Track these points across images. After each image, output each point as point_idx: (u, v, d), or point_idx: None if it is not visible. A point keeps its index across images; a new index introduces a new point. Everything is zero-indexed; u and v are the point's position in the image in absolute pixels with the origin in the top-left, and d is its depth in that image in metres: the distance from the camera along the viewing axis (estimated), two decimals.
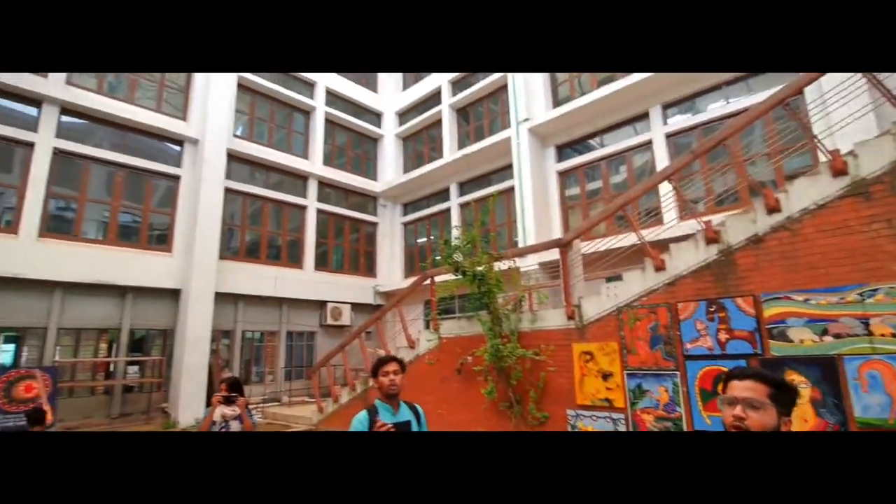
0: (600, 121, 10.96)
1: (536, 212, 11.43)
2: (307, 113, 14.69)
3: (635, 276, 5.48)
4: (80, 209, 9.96)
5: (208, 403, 3.92)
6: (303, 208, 14.05)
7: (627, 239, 6.20)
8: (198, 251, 10.72)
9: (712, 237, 4.92)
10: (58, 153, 9.59)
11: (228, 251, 12.06)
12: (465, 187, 14.30)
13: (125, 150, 10.65)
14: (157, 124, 10.92)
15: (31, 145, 9.29)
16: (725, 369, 4.57)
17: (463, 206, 14.16)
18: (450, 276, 7.12)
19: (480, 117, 14.32)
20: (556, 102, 11.88)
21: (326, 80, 15.03)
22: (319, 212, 14.40)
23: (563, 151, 12.09)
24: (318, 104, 14.72)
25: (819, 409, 4.13)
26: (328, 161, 14.87)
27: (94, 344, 9.87)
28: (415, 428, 2.63)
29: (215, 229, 11.13)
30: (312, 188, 14.29)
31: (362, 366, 9.43)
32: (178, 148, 11.53)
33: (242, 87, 12.82)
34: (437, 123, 15.07)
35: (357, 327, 12.02)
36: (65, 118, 9.84)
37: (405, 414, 2.62)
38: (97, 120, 10.30)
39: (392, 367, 2.60)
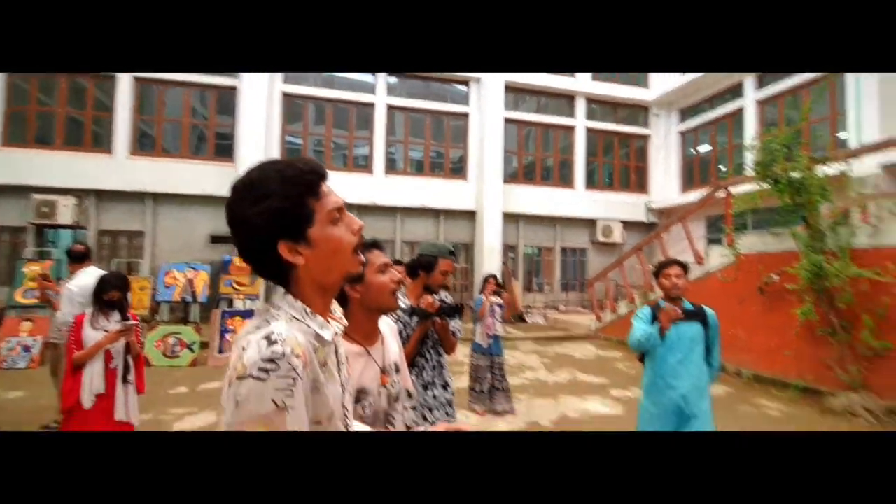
0: None
1: (882, 94, 8.61)
2: None
3: None
4: (404, 150, 12.88)
5: (481, 292, 5.04)
6: (571, 128, 14.29)
7: None
8: (486, 177, 12.50)
9: None
10: (389, 108, 12.47)
11: (508, 175, 13.53)
12: (765, 80, 11.76)
13: (428, 97, 12.98)
14: None
15: (371, 105, 12.36)
16: None
17: (763, 102, 11.76)
18: (748, 188, 6.38)
19: None
20: None
21: None
22: (588, 130, 14.39)
23: None
24: None
25: None
26: (594, 75, 14.43)
27: None
28: (701, 331, 2.62)
29: (498, 156, 12.65)
30: (580, 106, 14.27)
31: (641, 282, 9.60)
32: (465, 88, 13.27)
33: None
34: None
35: (631, 245, 12.04)
36: (390, 79, 12.61)
37: (689, 316, 2.58)
38: (408, 75, 12.79)
39: (674, 270, 2.61)
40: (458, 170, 13.28)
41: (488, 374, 4.87)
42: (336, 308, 0.93)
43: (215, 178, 10.70)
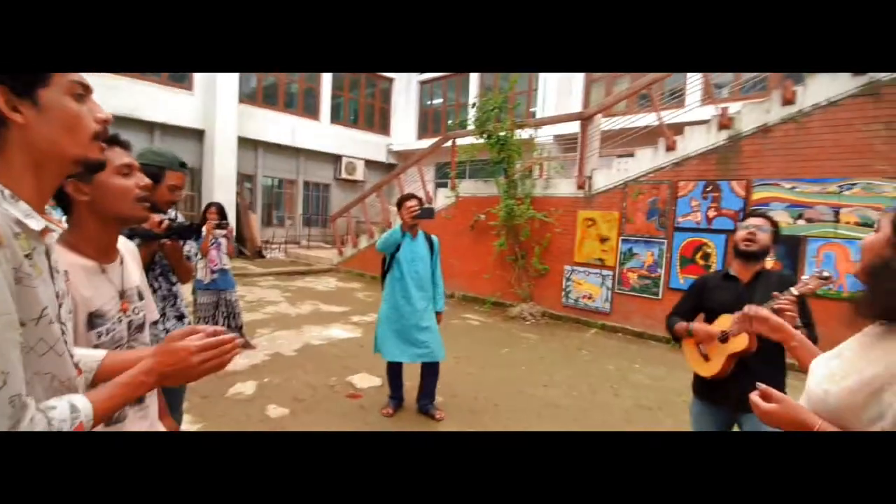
0: None
1: (560, 82, 11.28)
2: None
3: (646, 154, 5.96)
4: None
5: (202, 223, 4.49)
6: None
7: (645, 119, 6.53)
8: (218, 92, 10.80)
9: (725, 124, 5.31)
10: None
11: (245, 95, 12.04)
12: None
13: None
14: None
15: None
16: (706, 241, 5.37)
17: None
18: (470, 140, 7.53)
19: None
20: None
21: None
22: None
23: None
24: None
25: None
26: None
27: None
28: (429, 254, 3.30)
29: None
30: None
31: (379, 219, 10.29)
32: None
33: None
34: None
35: (373, 183, 12.66)
36: None
37: (421, 240, 3.28)
38: None
39: (413, 202, 3.19)
40: (179, 77, 10.98)
41: (215, 312, 4.48)
42: (53, 211, 0.81)
43: None
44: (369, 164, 15.00)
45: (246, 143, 11.94)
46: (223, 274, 4.52)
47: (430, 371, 3.33)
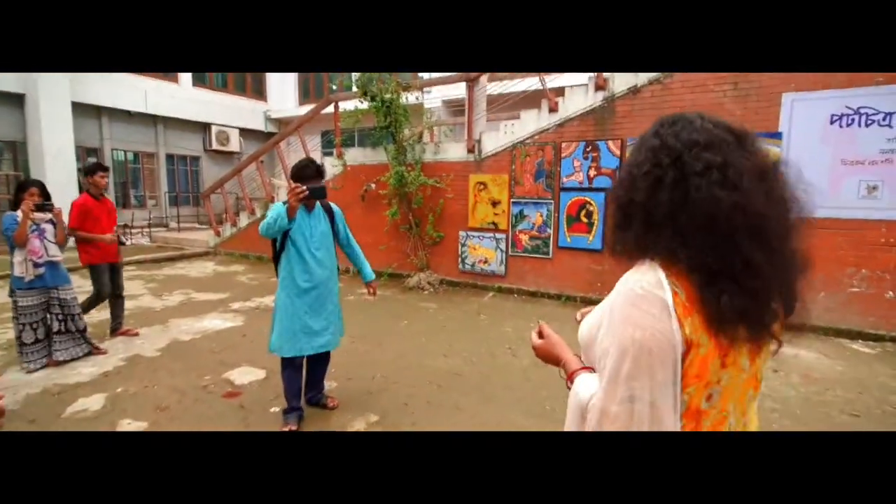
0: None
1: None
2: None
3: (531, 116, 6.01)
4: None
5: (13, 208, 3.69)
6: None
7: (528, 82, 6.58)
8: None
9: (601, 85, 5.50)
10: None
11: None
12: None
13: None
14: None
15: None
16: (588, 199, 5.61)
17: None
18: (354, 105, 7.01)
19: None
20: None
21: None
22: None
23: None
24: None
25: None
26: None
27: None
28: (329, 227, 2.88)
29: None
30: None
31: (260, 193, 9.36)
32: None
33: None
34: None
35: (250, 154, 11.48)
36: None
37: (319, 212, 2.85)
38: None
39: (309, 171, 2.74)
40: None
41: (46, 315, 3.67)
42: None
43: None
44: (245, 132, 13.59)
45: (85, 110, 10.04)
46: (52, 267, 3.67)
47: (321, 358, 2.98)
